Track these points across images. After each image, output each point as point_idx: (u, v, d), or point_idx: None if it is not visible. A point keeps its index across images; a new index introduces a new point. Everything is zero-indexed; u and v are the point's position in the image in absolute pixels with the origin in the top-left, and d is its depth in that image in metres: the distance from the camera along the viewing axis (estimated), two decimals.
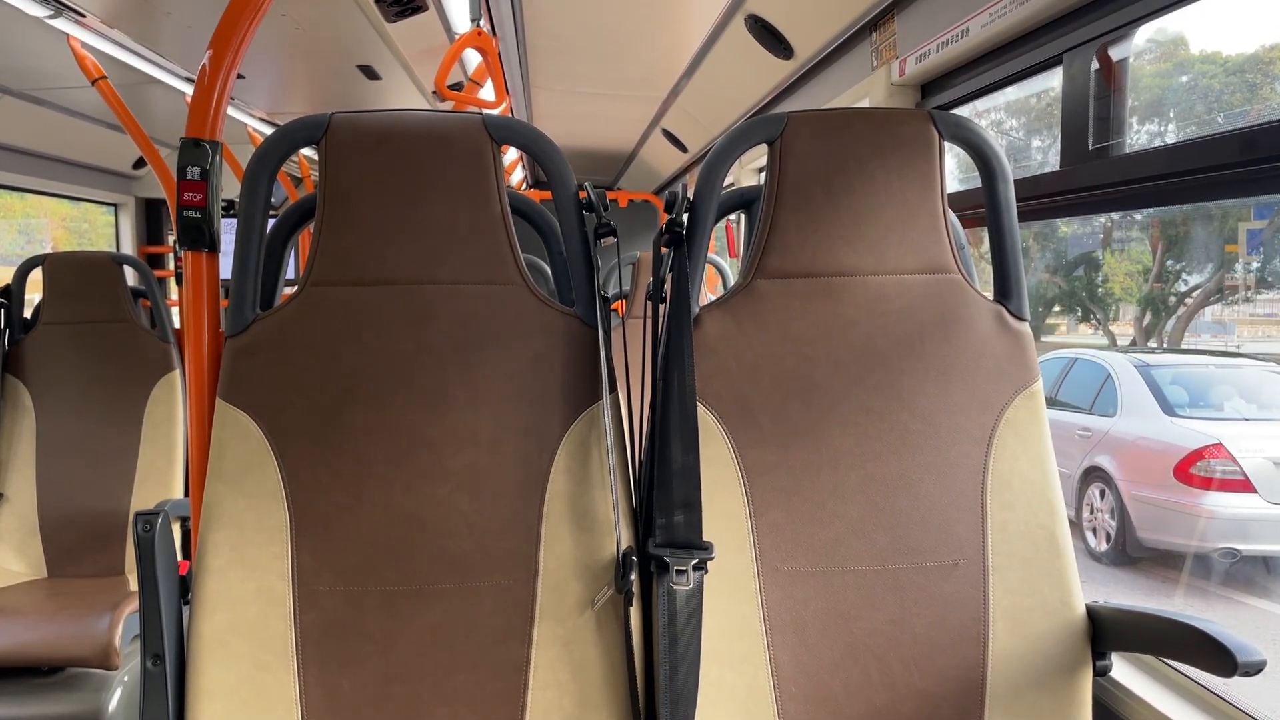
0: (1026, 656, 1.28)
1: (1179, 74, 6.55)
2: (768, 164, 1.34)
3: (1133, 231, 8.78)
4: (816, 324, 1.32)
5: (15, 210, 8.27)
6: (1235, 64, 6.17)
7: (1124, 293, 9.05)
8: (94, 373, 2.71)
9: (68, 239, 8.07)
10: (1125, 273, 9.02)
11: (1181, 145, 1.43)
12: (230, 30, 1.37)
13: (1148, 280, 8.60)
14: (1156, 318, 8.67)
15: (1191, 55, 6.49)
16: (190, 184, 1.35)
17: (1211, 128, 6.55)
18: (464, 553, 1.27)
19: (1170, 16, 1.53)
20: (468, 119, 1.31)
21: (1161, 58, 6.48)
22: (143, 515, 1.22)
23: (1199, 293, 8.05)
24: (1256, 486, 4.62)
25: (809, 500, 1.30)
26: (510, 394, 1.30)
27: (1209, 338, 8.00)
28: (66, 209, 4.66)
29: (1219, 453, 4.73)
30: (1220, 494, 4.73)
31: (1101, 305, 9.27)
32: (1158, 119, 6.65)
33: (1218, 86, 6.41)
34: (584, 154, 6.06)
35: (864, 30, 2.45)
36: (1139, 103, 6.44)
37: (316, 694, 1.24)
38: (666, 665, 1.19)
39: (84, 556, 2.67)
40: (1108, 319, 9.26)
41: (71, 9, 2.40)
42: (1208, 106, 6.29)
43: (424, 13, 2.78)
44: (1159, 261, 8.41)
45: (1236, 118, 5.90)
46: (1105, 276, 9.02)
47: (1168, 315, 8.53)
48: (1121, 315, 9.31)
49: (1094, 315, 9.37)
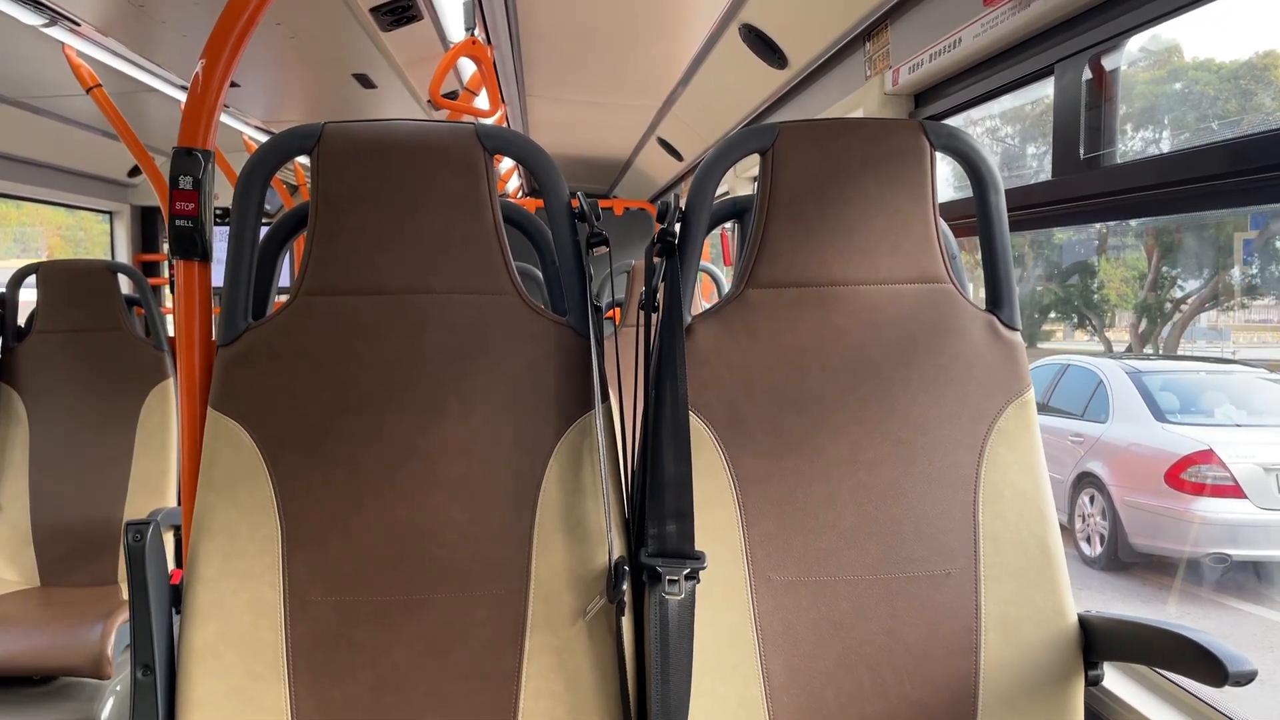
0: (1019, 666, 1.28)
1: (1172, 81, 6.57)
2: (760, 174, 1.34)
3: (1128, 238, 8.79)
4: (809, 333, 1.33)
5: (11, 219, 8.26)
6: (1229, 71, 6.19)
7: (1119, 299, 9.08)
8: (88, 381, 2.71)
9: (64, 247, 8.06)
10: (1121, 279, 9.03)
11: (1172, 155, 1.44)
12: (224, 39, 1.37)
13: (1143, 287, 8.62)
14: (1153, 324, 8.69)
15: (1185, 63, 6.51)
16: (183, 193, 1.35)
17: (1206, 135, 6.57)
18: (456, 562, 1.27)
19: (1163, 24, 1.54)
20: (460, 129, 1.31)
21: (1155, 65, 6.49)
22: (133, 525, 1.22)
23: (1194, 299, 8.08)
24: (1247, 492, 4.66)
25: (801, 510, 1.30)
26: (503, 403, 1.30)
27: (1204, 344, 8.07)
28: (62, 217, 4.66)
29: (1210, 459, 4.76)
30: (1211, 499, 4.74)
31: (1097, 312, 9.30)
32: (1152, 126, 6.67)
33: (1211, 93, 6.42)
34: (580, 162, 6.07)
35: (858, 40, 2.46)
36: (1132, 110, 6.46)
37: (308, 704, 1.24)
38: (659, 675, 1.18)
39: (77, 566, 2.66)
40: (1104, 325, 9.28)
41: (67, 17, 2.40)
42: (1201, 114, 6.31)
43: (419, 22, 2.79)
44: (1154, 268, 8.42)
45: (1231, 125, 5.92)
46: (1101, 283, 9.05)
47: (1163, 321, 8.57)
48: (1117, 322, 9.34)
49: (1090, 322, 9.40)
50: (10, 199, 3.96)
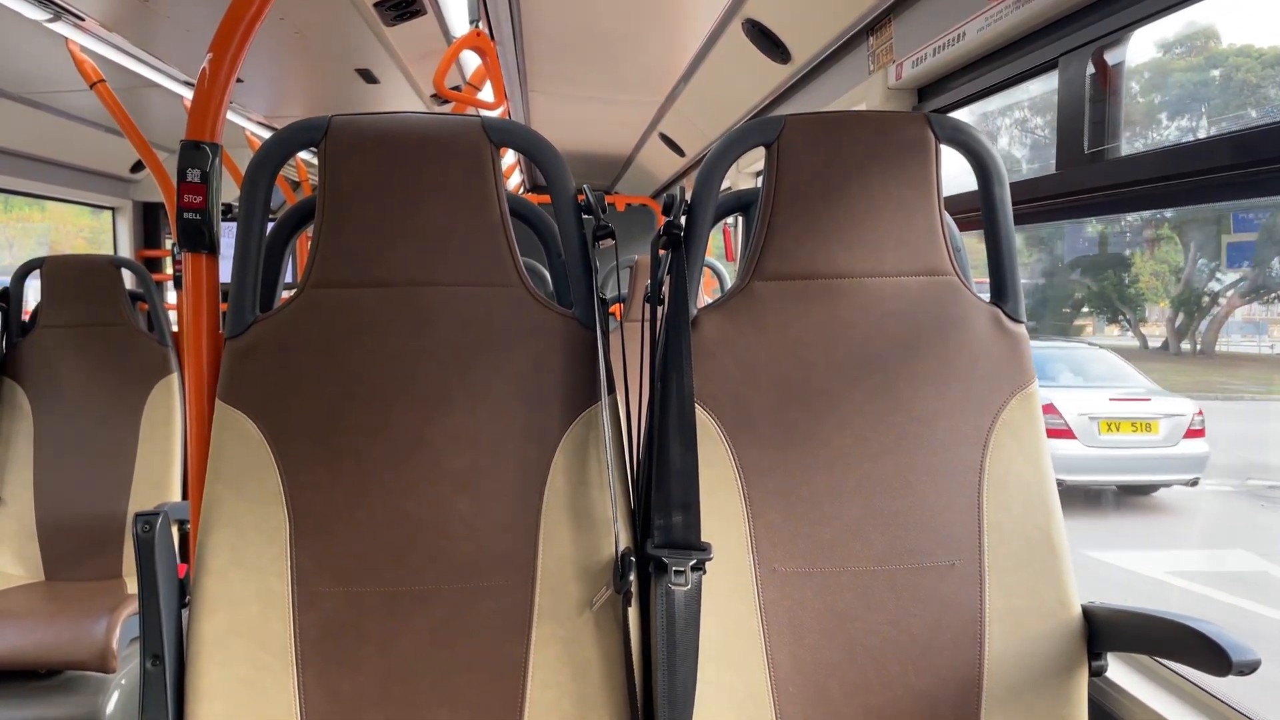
0: (1023, 657, 1.29)
1: (1210, 68, 6.45)
2: (765, 167, 1.35)
3: (1163, 229, 8.67)
4: (814, 326, 1.33)
5: (34, 220, 8.21)
6: (1271, 56, 6.08)
7: (1153, 293, 9.04)
8: (92, 376, 2.71)
9: (88, 250, 8.03)
10: (1151, 272, 8.94)
11: (1175, 148, 1.44)
12: (231, 33, 1.37)
13: (1179, 281, 8.54)
14: (1189, 319, 8.68)
15: (1222, 49, 6.39)
16: (190, 186, 1.36)
17: (1247, 122, 6.42)
18: (463, 554, 1.28)
19: (1199, 9, 1.51)
20: (467, 121, 1.32)
21: (1191, 52, 6.37)
22: (142, 516, 1.23)
23: (1231, 294, 8.10)
24: (1076, 434, 6.46)
25: (806, 501, 1.31)
26: (509, 395, 1.30)
27: (1239, 338, 8.34)
28: (87, 219, 4.66)
29: (1051, 410, 6.24)
30: (1052, 439, 5.88)
31: (1131, 306, 9.32)
32: (1188, 115, 6.55)
33: (1254, 80, 6.30)
34: (582, 158, 6.06)
35: (861, 34, 2.46)
36: (1168, 98, 6.34)
37: (316, 695, 1.24)
38: (665, 666, 1.19)
39: (81, 559, 2.67)
40: (1138, 320, 9.27)
41: (71, 12, 2.41)
42: (1242, 100, 6.18)
43: (422, 16, 2.79)
44: (1190, 261, 8.34)
45: (1272, 111, 5.83)
46: (1135, 276, 9.05)
47: (1200, 316, 8.59)
48: (1146, 316, 9.32)
49: (1124, 316, 9.41)
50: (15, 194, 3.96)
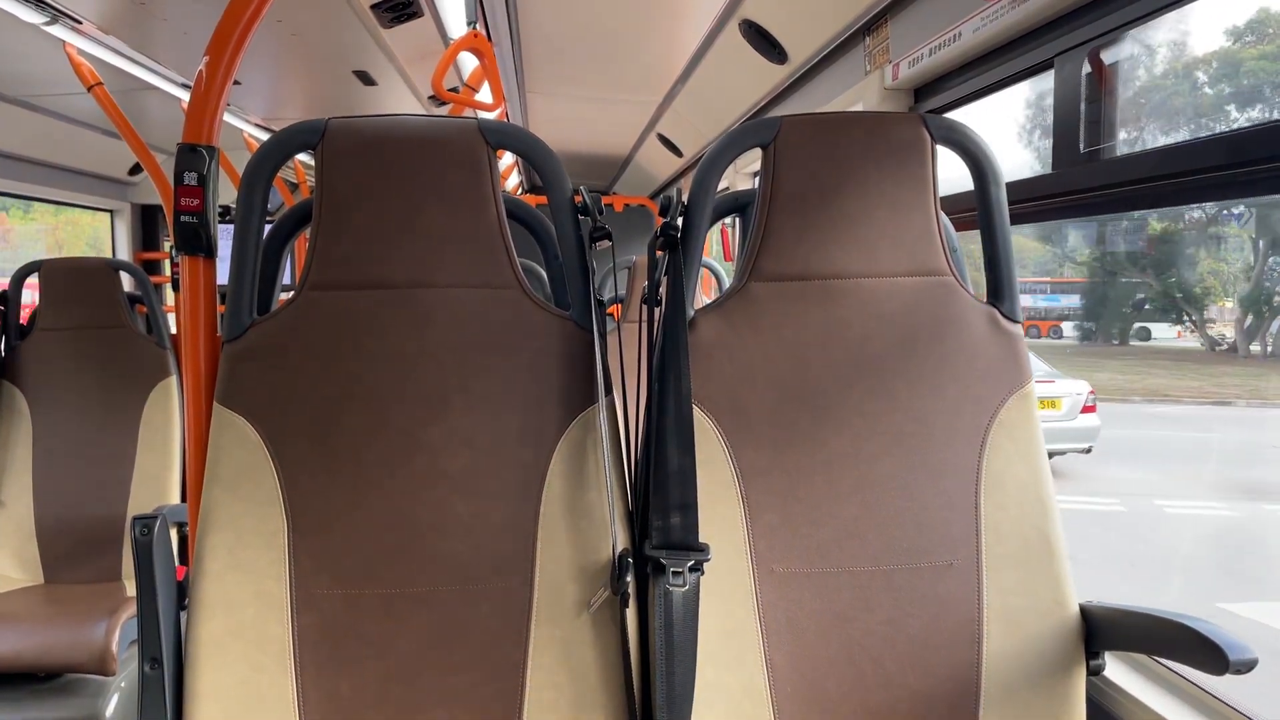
0: (1021, 656, 1.29)
1: None
2: (762, 168, 1.35)
3: (1230, 227, 8.38)
4: (811, 326, 1.33)
5: (84, 223, 8.14)
6: None
7: (1222, 292, 8.76)
8: (90, 378, 2.71)
9: None
10: (1208, 271, 8.71)
11: (1171, 148, 1.44)
12: (227, 35, 1.37)
13: (1248, 280, 8.26)
14: (1259, 320, 8.38)
15: None
16: (187, 189, 1.36)
17: None
18: (461, 555, 1.28)
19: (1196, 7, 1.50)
20: (464, 124, 1.32)
21: (1263, 39, 6.12)
22: (140, 519, 1.23)
23: None
24: None
25: (804, 502, 1.31)
26: (507, 397, 1.30)
27: None
28: (101, 222, 4.66)
29: None
30: None
31: (1197, 306, 9.05)
32: (1260, 104, 6.22)
33: None
34: (579, 158, 6.07)
35: (857, 35, 2.46)
36: (1240, 88, 6.07)
37: (314, 696, 1.25)
38: (663, 666, 1.19)
39: (80, 562, 2.67)
40: (1204, 321, 9.03)
41: (68, 15, 2.40)
42: None
43: (420, 18, 2.79)
44: (1262, 258, 8.08)
45: None
46: (1201, 276, 8.77)
47: (1272, 316, 8.32)
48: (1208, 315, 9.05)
49: (1189, 316, 9.16)
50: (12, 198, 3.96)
